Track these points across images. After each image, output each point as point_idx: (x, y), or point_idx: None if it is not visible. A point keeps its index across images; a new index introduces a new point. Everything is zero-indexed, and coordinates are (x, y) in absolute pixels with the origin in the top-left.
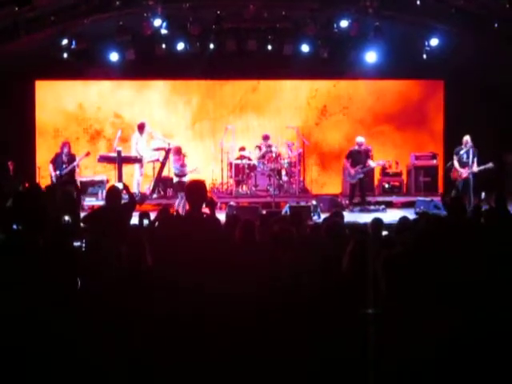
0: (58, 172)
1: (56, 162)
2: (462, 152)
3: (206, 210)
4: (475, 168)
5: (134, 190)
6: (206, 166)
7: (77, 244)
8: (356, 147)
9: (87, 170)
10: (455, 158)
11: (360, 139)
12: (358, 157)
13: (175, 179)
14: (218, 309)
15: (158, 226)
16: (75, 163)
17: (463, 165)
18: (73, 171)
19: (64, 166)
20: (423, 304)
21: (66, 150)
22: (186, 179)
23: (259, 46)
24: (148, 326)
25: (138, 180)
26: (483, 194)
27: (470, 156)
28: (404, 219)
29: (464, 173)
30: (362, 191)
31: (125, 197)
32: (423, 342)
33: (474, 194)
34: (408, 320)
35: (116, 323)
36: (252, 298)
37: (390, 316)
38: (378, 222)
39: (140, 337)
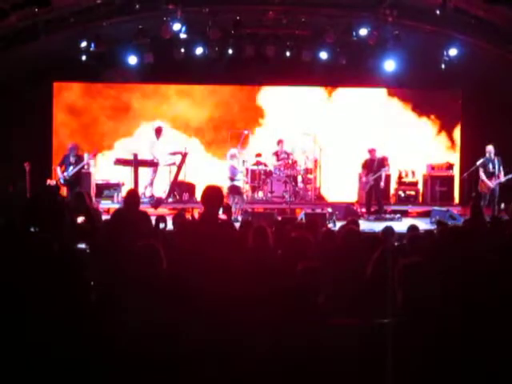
0: (65, 173)
1: (64, 163)
2: (487, 162)
3: (222, 215)
4: (502, 178)
5: (141, 192)
6: (223, 172)
7: (81, 246)
8: (369, 156)
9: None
10: (481, 169)
11: (370, 148)
12: (371, 165)
13: (229, 182)
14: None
15: (173, 231)
16: (82, 164)
17: (490, 175)
18: (80, 172)
19: (71, 168)
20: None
21: (73, 152)
22: (238, 183)
23: (278, 52)
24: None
25: (149, 183)
26: (502, 205)
27: (496, 166)
28: (413, 228)
29: (492, 184)
30: (378, 199)
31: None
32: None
33: (498, 204)
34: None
35: (130, 326)
36: (266, 304)
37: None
38: (389, 231)
39: (153, 339)
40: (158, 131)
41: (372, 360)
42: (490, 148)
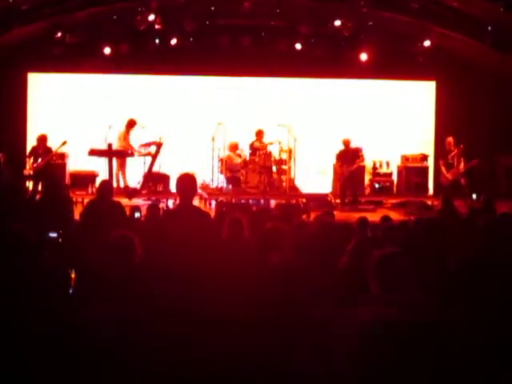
0: (34, 165)
1: (32, 154)
2: (446, 154)
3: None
4: (462, 168)
5: (114, 183)
6: (197, 162)
7: (53, 235)
8: (343, 147)
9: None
10: (441, 161)
11: (344, 139)
12: (346, 157)
13: (227, 173)
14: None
15: (147, 221)
16: (50, 155)
17: (450, 167)
18: (49, 163)
19: (40, 160)
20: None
21: (42, 143)
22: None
23: (253, 43)
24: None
25: (119, 174)
26: (474, 196)
27: (455, 157)
28: (386, 219)
29: (451, 175)
30: (352, 191)
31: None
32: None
33: (467, 195)
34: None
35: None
36: (242, 298)
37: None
38: (363, 222)
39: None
40: (131, 124)
41: (348, 353)
42: (449, 139)
